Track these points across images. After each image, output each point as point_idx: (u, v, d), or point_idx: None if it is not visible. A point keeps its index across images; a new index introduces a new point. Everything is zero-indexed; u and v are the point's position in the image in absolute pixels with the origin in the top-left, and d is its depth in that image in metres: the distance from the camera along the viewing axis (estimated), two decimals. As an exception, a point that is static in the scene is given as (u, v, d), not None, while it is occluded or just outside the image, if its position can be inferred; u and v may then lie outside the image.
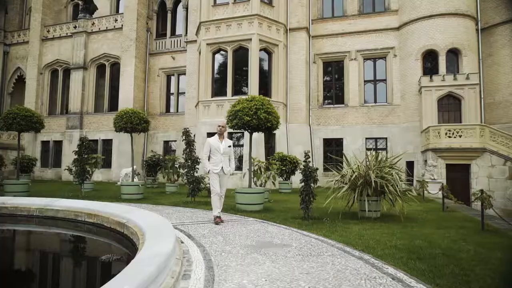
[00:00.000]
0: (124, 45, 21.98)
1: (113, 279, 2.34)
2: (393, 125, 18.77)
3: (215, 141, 6.33)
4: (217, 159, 6.26)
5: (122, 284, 2.06)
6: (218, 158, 6.26)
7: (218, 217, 6.21)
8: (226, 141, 6.42)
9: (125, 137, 21.13)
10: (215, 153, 6.26)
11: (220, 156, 6.26)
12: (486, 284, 3.06)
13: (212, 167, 6.23)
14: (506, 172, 14.15)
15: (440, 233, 5.52)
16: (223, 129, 6.46)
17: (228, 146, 6.41)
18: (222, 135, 6.45)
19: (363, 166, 7.38)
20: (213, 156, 6.28)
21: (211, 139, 6.41)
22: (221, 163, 6.26)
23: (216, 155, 6.26)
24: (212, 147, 6.28)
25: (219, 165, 6.25)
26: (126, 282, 2.13)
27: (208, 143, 6.34)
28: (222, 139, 6.39)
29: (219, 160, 6.25)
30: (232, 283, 2.96)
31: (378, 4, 19.88)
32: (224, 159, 6.32)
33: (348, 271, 3.38)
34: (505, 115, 17.52)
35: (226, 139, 6.47)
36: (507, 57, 17.58)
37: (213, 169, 6.22)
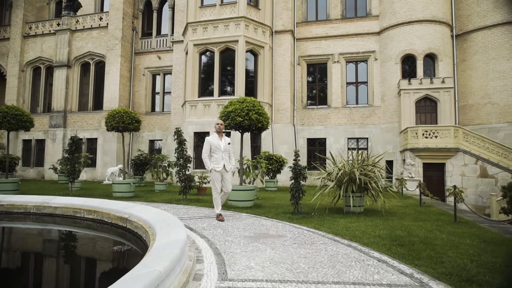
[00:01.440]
0: (109, 44, 21.92)
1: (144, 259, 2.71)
2: (374, 125, 19.56)
3: (215, 139, 6.38)
4: (218, 157, 6.32)
5: (159, 261, 2.44)
6: (219, 156, 6.32)
7: (220, 214, 6.33)
8: (225, 139, 6.49)
9: (110, 136, 21.16)
10: (216, 151, 6.32)
11: (221, 154, 6.32)
12: (456, 263, 3.58)
13: (214, 165, 6.29)
14: (478, 170, 15.11)
15: (417, 225, 6.10)
16: (222, 127, 6.54)
17: (228, 143, 6.49)
18: (221, 133, 6.51)
19: (348, 164, 7.91)
20: (214, 155, 6.33)
21: (210, 138, 6.43)
22: (223, 161, 6.34)
23: (217, 153, 6.32)
24: (212, 145, 6.32)
25: (221, 163, 6.32)
26: (160, 261, 2.51)
27: (208, 142, 6.37)
28: (221, 137, 6.45)
29: (220, 158, 6.32)
30: (241, 265, 3.38)
31: (360, 9, 20.64)
32: (225, 157, 6.39)
33: (339, 255, 3.86)
34: (477, 117, 18.58)
35: (224, 137, 6.53)
36: (479, 62, 18.63)
37: (215, 168, 6.29)
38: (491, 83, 18.15)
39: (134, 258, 4.29)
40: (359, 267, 3.40)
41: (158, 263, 2.45)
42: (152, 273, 2.19)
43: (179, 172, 10.02)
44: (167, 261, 2.51)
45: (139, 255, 4.19)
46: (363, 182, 7.38)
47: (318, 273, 3.17)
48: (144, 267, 2.41)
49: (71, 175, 11.13)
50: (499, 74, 17.97)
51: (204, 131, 17.99)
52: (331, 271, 3.25)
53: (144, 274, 2.17)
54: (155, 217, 5.01)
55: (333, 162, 8.25)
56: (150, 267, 2.34)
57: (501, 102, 17.87)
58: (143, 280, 2.07)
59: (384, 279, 3.05)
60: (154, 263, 2.46)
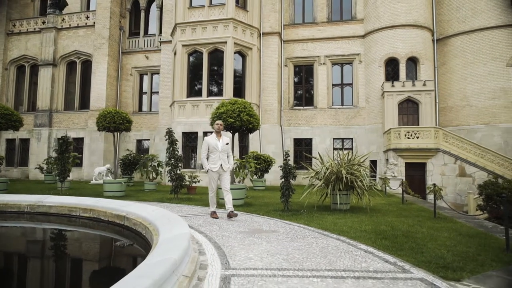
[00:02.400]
0: (96, 43, 21.81)
1: (156, 250, 2.97)
2: (358, 126, 20.13)
3: (212, 139, 6.39)
4: (216, 157, 6.34)
5: (171, 254, 2.70)
6: (217, 156, 6.34)
7: (214, 212, 6.54)
8: (223, 139, 6.50)
9: (97, 136, 21.09)
10: (214, 151, 6.35)
11: (218, 154, 6.34)
12: (434, 253, 3.97)
13: (211, 165, 6.34)
14: (457, 169, 15.81)
15: (400, 220, 6.52)
16: (221, 127, 6.57)
17: (226, 143, 6.50)
18: (220, 133, 6.53)
19: (335, 163, 8.29)
20: (212, 155, 6.36)
21: (208, 138, 6.44)
22: (220, 161, 6.35)
23: (214, 153, 6.34)
24: (210, 145, 6.35)
25: (218, 163, 6.35)
26: (172, 250, 2.78)
27: (206, 141, 6.40)
28: (219, 137, 6.46)
29: (217, 158, 6.34)
30: (241, 256, 3.67)
31: (345, 12, 21.19)
32: (222, 157, 6.40)
33: (330, 248, 4.20)
34: (456, 119, 19.37)
35: (223, 137, 6.52)
36: (459, 66, 19.43)
37: (211, 168, 6.33)
38: (469, 86, 18.95)
39: (137, 252, 4.52)
40: (348, 257, 3.74)
41: (171, 252, 2.72)
42: (169, 259, 2.47)
43: (171, 172, 10.22)
44: (179, 250, 2.79)
45: (140, 249, 4.43)
46: (350, 181, 7.77)
47: (311, 262, 3.49)
48: (158, 256, 2.68)
49: (61, 175, 11.17)
50: (477, 77, 18.79)
51: (193, 131, 18.18)
52: (323, 260, 3.58)
53: (162, 261, 2.44)
54: (154, 214, 5.24)
55: (321, 161, 8.62)
56: (165, 256, 2.61)
57: (479, 104, 18.69)
58: (163, 265, 2.34)
59: (371, 266, 3.40)
60: (167, 253, 2.73)
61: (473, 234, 5.28)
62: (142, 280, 2.06)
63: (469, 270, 3.32)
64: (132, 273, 2.33)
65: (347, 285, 2.82)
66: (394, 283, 2.90)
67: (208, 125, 17.66)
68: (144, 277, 2.12)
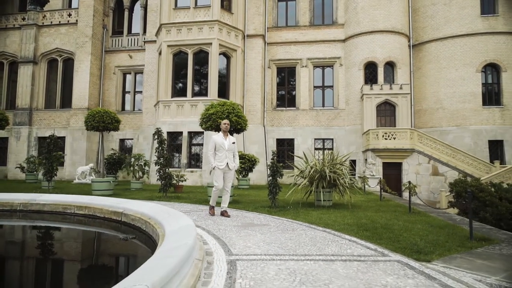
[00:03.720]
0: (79, 41, 21.62)
1: (169, 238, 3.34)
2: (339, 127, 20.87)
3: (219, 138, 6.52)
4: (222, 155, 6.46)
5: (186, 240, 3.09)
6: (223, 154, 6.46)
7: (212, 207, 6.75)
8: (230, 138, 6.63)
9: (79, 135, 20.96)
10: (220, 150, 6.47)
11: (225, 153, 6.47)
12: (409, 241, 4.51)
13: (218, 163, 6.45)
14: (430, 169, 16.75)
15: (379, 215, 7.09)
16: (228, 126, 6.73)
17: (232, 142, 6.63)
18: (227, 132, 6.67)
19: (319, 163, 8.82)
20: (218, 153, 6.48)
21: (216, 136, 6.56)
22: (226, 159, 6.48)
23: (221, 152, 6.47)
24: (217, 143, 6.47)
25: (224, 161, 6.46)
26: (186, 239, 3.17)
27: (213, 140, 6.51)
28: (226, 136, 6.62)
29: (224, 157, 6.46)
30: (240, 245, 4.10)
31: (327, 17, 21.90)
32: (229, 155, 6.53)
33: (318, 237, 4.68)
34: (430, 121, 20.41)
35: (230, 136, 6.67)
36: (433, 70, 20.47)
37: (218, 165, 6.45)
38: (442, 90, 20.02)
39: (141, 244, 4.85)
40: (335, 245, 4.23)
41: (185, 239, 3.11)
42: (186, 244, 2.86)
43: (160, 171, 10.49)
44: (191, 237, 3.18)
45: (142, 242, 4.77)
46: (332, 179, 8.31)
47: (303, 249, 3.95)
48: (174, 242, 3.06)
49: (48, 174, 11.22)
50: (449, 82, 19.87)
51: (178, 131, 18.39)
52: (314, 248, 4.05)
53: (180, 245, 2.83)
54: (153, 210, 5.58)
55: (305, 161, 9.12)
56: (181, 242, 3.00)
57: (451, 107, 19.78)
58: (182, 249, 2.73)
59: (355, 252, 3.89)
60: (182, 239, 3.12)
61: (443, 225, 5.90)
62: (169, 259, 2.45)
63: (438, 254, 3.87)
64: (156, 255, 2.72)
65: (336, 265, 3.30)
66: (375, 264, 3.40)
67: (193, 125, 17.96)
68: (170, 257, 2.51)
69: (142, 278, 2.03)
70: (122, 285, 1.99)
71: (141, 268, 2.33)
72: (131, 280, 2.05)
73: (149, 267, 2.35)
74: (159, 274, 2.09)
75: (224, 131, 6.64)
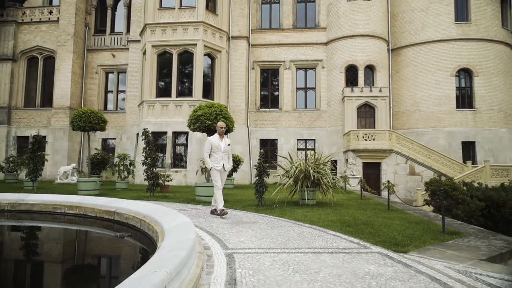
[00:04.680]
0: (60, 39, 21.31)
1: (171, 234, 3.60)
2: (320, 128, 21.42)
3: (216, 140, 6.65)
4: (218, 157, 6.60)
5: (189, 235, 3.37)
6: (219, 156, 6.60)
7: (223, 210, 6.59)
8: (225, 140, 6.77)
9: (60, 134, 20.69)
10: (216, 151, 6.60)
11: (221, 154, 6.61)
12: (388, 236, 4.92)
13: (214, 164, 6.58)
14: (407, 169, 17.49)
15: (360, 212, 7.53)
16: (224, 129, 6.87)
17: (228, 144, 6.79)
18: (222, 134, 6.80)
19: (303, 163, 9.21)
20: (214, 154, 6.61)
21: (212, 138, 6.69)
22: (222, 161, 6.63)
23: (217, 153, 6.60)
24: (213, 145, 6.60)
25: (221, 162, 6.61)
26: (188, 234, 3.44)
27: (209, 141, 6.62)
28: (222, 138, 6.74)
29: (220, 158, 6.61)
30: (234, 240, 4.39)
31: (309, 20, 22.41)
32: (224, 157, 6.69)
33: (305, 233, 5.03)
34: (407, 122, 21.24)
35: (225, 138, 6.81)
36: (410, 74, 21.31)
37: (215, 166, 6.59)
38: (419, 93, 20.88)
39: (137, 241, 5.07)
40: (321, 239, 4.59)
41: (187, 234, 3.39)
42: (190, 238, 3.14)
43: (147, 171, 10.64)
44: (193, 232, 3.46)
45: (138, 239, 4.99)
46: (316, 179, 8.71)
47: (293, 243, 4.29)
48: (177, 237, 3.33)
49: (33, 174, 11.17)
50: (425, 85, 20.75)
51: (162, 131, 18.45)
52: (302, 242, 4.40)
53: (184, 240, 3.11)
54: (148, 209, 5.80)
55: (290, 161, 9.49)
56: (184, 237, 3.27)
57: (427, 110, 20.66)
58: (188, 242, 3.01)
59: (340, 245, 4.26)
60: (184, 235, 3.39)
61: (418, 221, 6.38)
62: (178, 251, 2.72)
63: (414, 246, 4.29)
64: (164, 249, 2.98)
65: (324, 257, 3.65)
66: (358, 255, 3.77)
67: (178, 125, 18.09)
68: (178, 249, 2.79)
69: (160, 265, 2.30)
70: (143, 271, 2.26)
71: (153, 260, 2.60)
72: (148, 268, 2.32)
73: (160, 258, 2.62)
74: (173, 262, 2.37)
75: (220, 134, 6.74)
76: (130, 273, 3.79)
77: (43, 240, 6.03)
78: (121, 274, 3.91)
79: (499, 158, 19.43)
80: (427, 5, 20.99)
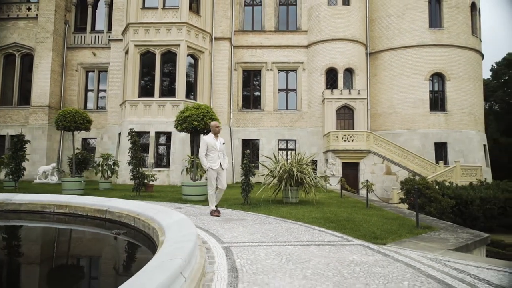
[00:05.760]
0: (39, 37, 20.89)
1: (174, 229, 3.88)
2: (301, 129, 21.96)
3: (211, 139, 6.70)
4: (215, 156, 6.65)
5: (191, 230, 3.66)
6: (216, 155, 6.66)
7: (215, 210, 6.80)
8: (220, 139, 6.85)
9: (39, 133, 20.33)
10: (212, 151, 6.66)
11: (217, 153, 6.67)
12: (368, 230, 5.36)
13: (211, 164, 6.63)
14: (384, 169, 18.25)
15: (341, 210, 7.99)
16: (220, 129, 7.00)
17: (223, 143, 6.87)
18: (217, 134, 6.87)
19: (287, 163, 9.60)
20: (211, 154, 6.66)
21: (207, 138, 6.72)
22: (219, 160, 6.68)
23: (213, 153, 6.66)
24: (209, 145, 6.65)
25: (217, 161, 6.66)
26: (191, 229, 3.74)
27: (205, 141, 6.66)
28: (216, 138, 6.80)
29: (216, 157, 6.66)
30: (228, 236, 4.71)
31: (291, 23, 22.92)
32: (221, 156, 6.75)
33: (292, 229, 5.40)
34: (384, 124, 22.09)
35: (220, 138, 6.87)
36: (387, 77, 22.17)
37: (212, 166, 6.63)
38: (395, 96, 21.76)
39: (133, 237, 5.29)
40: (308, 234, 4.97)
41: (187, 229, 3.68)
42: (193, 233, 3.44)
43: (133, 170, 10.76)
44: (193, 227, 3.76)
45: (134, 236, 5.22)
46: (300, 178, 9.12)
47: (282, 237, 4.65)
48: (180, 231, 3.62)
49: (15, 174, 11.07)
50: (401, 88, 21.65)
51: (145, 131, 18.45)
52: (291, 236, 4.77)
53: (189, 233, 3.41)
54: (141, 207, 6.03)
55: (274, 161, 9.87)
56: (187, 231, 3.57)
57: (402, 112, 21.56)
58: (193, 235, 3.31)
59: (325, 239, 4.66)
60: (185, 229, 3.68)
61: (395, 217, 6.89)
62: (187, 243, 3.02)
63: (391, 239, 4.73)
64: (170, 242, 3.27)
65: (312, 248, 4.03)
66: (342, 247, 4.17)
67: (161, 125, 18.17)
68: (185, 242, 3.08)
69: (172, 255, 2.60)
70: (158, 260, 2.55)
71: (163, 251, 2.89)
72: (163, 257, 2.61)
73: (170, 249, 2.91)
74: (185, 252, 2.67)
75: (215, 133, 6.81)
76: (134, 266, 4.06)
77: (38, 239, 6.14)
78: (127, 267, 4.16)
79: (469, 158, 20.54)
80: (403, 11, 21.90)
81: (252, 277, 2.90)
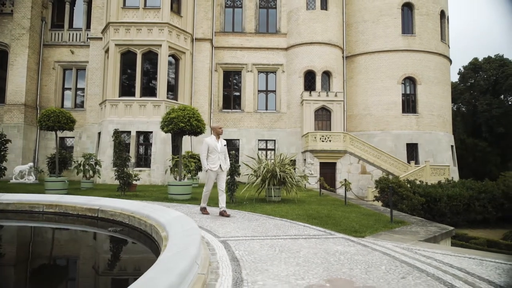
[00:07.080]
0: (15, 33, 20.37)
1: (176, 226, 4.23)
2: (280, 129, 22.52)
3: (212, 141, 6.74)
4: (215, 157, 6.69)
5: (188, 225, 4.02)
6: (216, 156, 6.69)
7: (205, 208, 7.15)
8: (221, 141, 6.88)
9: (14, 132, 19.88)
10: (213, 152, 6.69)
11: (218, 155, 6.70)
12: (348, 225, 5.88)
13: (211, 165, 6.68)
14: (359, 168, 19.08)
15: (321, 207, 8.53)
16: (222, 130, 7.04)
17: (224, 145, 6.89)
18: (219, 136, 6.91)
19: (271, 163, 10.06)
20: (211, 155, 6.70)
21: (208, 139, 6.77)
22: (219, 161, 6.71)
23: (214, 154, 6.69)
24: (210, 146, 6.68)
25: (217, 163, 6.69)
26: (192, 225, 4.10)
27: (206, 143, 6.71)
28: (218, 139, 6.82)
29: (217, 158, 6.70)
30: (222, 231, 5.09)
31: (271, 26, 23.43)
32: (221, 157, 6.78)
33: (279, 224, 5.85)
34: (359, 125, 23.00)
35: (221, 139, 6.91)
36: (362, 80, 23.08)
37: (211, 167, 6.68)
38: (370, 98, 22.71)
39: (129, 234, 5.57)
40: (294, 229, 5.43)
41: (190, 224, 4.05)
42: (195, 228, 3.81)
43: (118, 170, 10.90)
44: (193, 223, 4.13)
45: (130, 233, 5.51)
46: (282, 177, 9.60)
47: (272, 232, 5.09)
48: (183, 227, 3.98)
49: (-4, 174, 10.95)
50: (375, 91, 22.61)
51: (126, 130, 18.42)
52: (279, 231, 5.21)
53: (192, 227, 3.77)
54: (135, 206, 6.32)
55: (258, 161, 10.30)
56: (189, 226, 3.93)
57: (377, 114, 22.53)
58: (197, 230, 3.68)
59: (310, 233, 5.13)
60: (187, 224, 4.05)
61: (371, 214, 7.48)
62: (194, 236, 3.39)
63: (368, 232, 5.27)
64: (176, 236, 3.62)
65: (300, 241, 4.48)
66: (327, 240, 4.66)
67: (142, 125, 18.21)
68: (193, 234, 3.45)
69: (183, 246, 2.97)
70: (172, 250, 2.92)
71: (174, 242, 3.25)
72: (174, 248, 2.98)
73: (180, 241, 3.27)
74: (196, 243, 3.05)
75: (218, 134, 6.85)
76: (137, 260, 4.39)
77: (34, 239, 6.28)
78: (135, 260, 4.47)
79: (437, 158, 21.75)
80: (378, 17, 22.86)
81: (253, 265, 3.31)
